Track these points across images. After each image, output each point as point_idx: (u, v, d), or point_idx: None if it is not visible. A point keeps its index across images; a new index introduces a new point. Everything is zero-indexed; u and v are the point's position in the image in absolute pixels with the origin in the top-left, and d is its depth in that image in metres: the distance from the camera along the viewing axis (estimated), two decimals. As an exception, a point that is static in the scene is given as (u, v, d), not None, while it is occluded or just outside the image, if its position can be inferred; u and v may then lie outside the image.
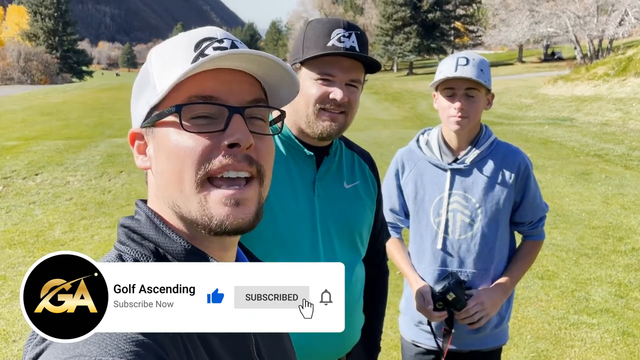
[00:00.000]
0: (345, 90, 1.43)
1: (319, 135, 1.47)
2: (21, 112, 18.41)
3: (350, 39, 1.41)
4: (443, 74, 1.90)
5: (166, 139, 0.71)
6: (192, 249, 0.71)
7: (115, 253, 0.72)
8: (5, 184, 8.00)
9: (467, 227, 2.00)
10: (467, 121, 1.91)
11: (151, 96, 0.73)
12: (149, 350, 0.58)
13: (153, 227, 0.72)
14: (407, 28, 49.62)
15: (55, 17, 58.06)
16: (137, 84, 0.78)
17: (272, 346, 0.86)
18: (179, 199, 0.71)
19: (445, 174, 2.02)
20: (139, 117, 0.76)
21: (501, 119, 15.90)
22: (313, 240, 1.49)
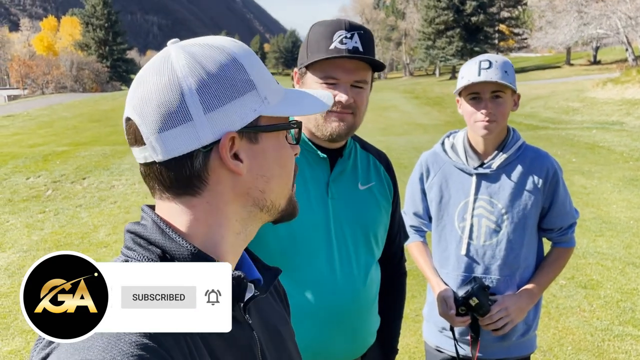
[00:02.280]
0: (350, 92, 1.43)
1: (329, 137, 1.47)
2: (72, 119, 19.22)
3: (352, 39, 1.41)
4: (466, 79, 1.86)
5: (280, 147, 0.79)
6: (199, 252, 0.72)
7: (122, 259, 0.72)
8: (55, 188, 8.36)
9: (492, 233, 1.95)
10: (495, 125, 1.87)
11: (260, 105, 0.74)
12: (154, 354, 0.58)
13: (159, 232, 0.72)
14: (450, 32, 49.02)
15: (105, 27, 60.37)
16: (227, 86, 0.72)
17: (277, 354, 0.86)
18: (277, 197, 0.81)
19: (471, 178, 1.98)
20: (237, 120, 0.72)
21: (547, 123, 15.45)
22: (327, 242, 1.49)
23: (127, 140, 0.75)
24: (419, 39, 52.70)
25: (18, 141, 14.05)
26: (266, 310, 0.90)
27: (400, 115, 20.19)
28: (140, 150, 0.72)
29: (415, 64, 62.64)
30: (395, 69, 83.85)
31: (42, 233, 6.39)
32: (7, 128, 17.43)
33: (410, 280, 4.83)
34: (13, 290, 4.78)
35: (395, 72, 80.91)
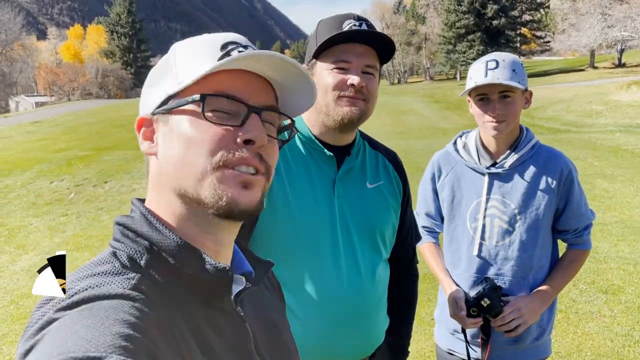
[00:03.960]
0: (362, 76, 1.42)
1: (341, 122, 1.43)
2: (96, 125, 19.57)
3: (361, 27, 1.41)
4: (473, 80, 1.84)
5: (184, 125, 0.73)
6: (185, 244, 0.72)
7: (110, 250, 0.73)
8: (77, 191, 8.53)
9: (504, 233, 1.93)
10: (505, 125, 1.85)
11: (171, 85, 0.75)
12: (138, 345, 0.58)
13: (147, 224, 0.73)
14: (471, 36, 48.60)
15: (130, 35, 61.44)
16: (154, 73, 0.80)
17: (272, 344, 0.86)
18: (189, 183, 0.72)
19: (483, 178, 1.96)
20: (151, 104, 0.78)
21: (569, 126, 15.20)
22: (333, 240, 1.47)
23: None
24: (439, 43, 52.36)
25: (43, 146, 14.37)
26: (260, 303, 0.90)
27: (419, 119, 20.08)
28: None
29: (435, 68, 62.29)
30: (416, 74, 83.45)
31: (64, 235, 6.52)
32: (33, 134, 17.84)
33: (425, 284, 4.79)
34: (35, 291, 4.88)
35: (415, 77, 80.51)
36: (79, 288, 0.63)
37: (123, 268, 0.68)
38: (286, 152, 1.49)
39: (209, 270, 0.72)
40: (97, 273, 0.67)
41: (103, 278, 0.66)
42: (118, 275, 0.67)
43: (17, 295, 4.83)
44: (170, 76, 0.76)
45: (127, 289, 0.65)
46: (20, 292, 4.88)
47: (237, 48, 0.75)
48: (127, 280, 0.66)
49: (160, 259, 0.71)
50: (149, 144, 0.78)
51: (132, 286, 0.66)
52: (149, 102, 0.78)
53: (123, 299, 0.63)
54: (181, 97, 0.74)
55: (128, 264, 0.69)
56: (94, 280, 0.65)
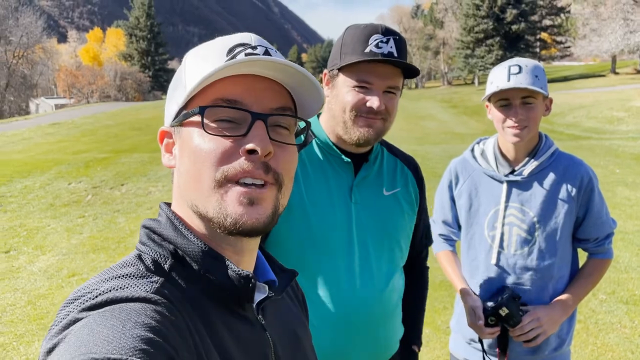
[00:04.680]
0: (382, 97, 1.40)
1: (357, 142, 1.44)
2: (114, 127, 19.80)
3: (388, 44, 1.38)
4: (495, 85, 1.81)
5: (190, 139, 0.72)
6: (209, 250, 0.71)
7: (136, 253, 0.73)
8: (94, 193, 8.61)
9: (523, 242, 1.88)
10: (526, 131, 1.81)
11: (180, 96, 0.74)
12: (159, 349, 0.57)
13: (172, 229, 0.73)
14: (489, 40, 48.26)
15: (148, 38, 62.17)
16: (172, 84, 0.79)
17: (293, 355, 0.84)
18: (198, 198, 0.71)
19: (502, 186, 1.92)
20: (169, 116, 0.77)
21: (589, 133, 14.98)
22: (348, 247, 1.47)
23: None
24: (457, 47, 52.05)
25: (62, 148, 14.57)
26: (283, 312, 0.89)
27: (437, 124, 19.96)
28: None
29: (453, 73, 61.94)
30: (433, 78, 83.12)
31: (80, 237, 6.58)
32: (53, 135, 18.11)
33: (441, 291, 4.74)
34: (51, 292, 4.93)
35: (432, 81, 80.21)
36: (103, 289, 0.64)
37: (147, 271, 0.69)
38: (304, 157, 1.50)
39: (231, 277, 0.71)
40: (122, 275, 0.67)
41: (127, 280, 0.66)
42: (142, 279, 0.67)
43: (34, 295, 4.87)
44: (180, 86, 0.75)
45: (150, 292, 0.65)
46: (37, 293, 4.93)
47: (245, 50, 0.72)
48: (151, 284, 0.66)
49: (184, 264, 0.71)
50: (168, 156, 0.78)
51: (155, 290, 0.66)
52: (168, 114, 0.78)
53: (145, 302, 0.63)
54: (188, 108, 0.73)
55: (152, 268, 0.70)
56: (118, 282, 0.66)
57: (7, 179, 9.97)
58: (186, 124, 0.73)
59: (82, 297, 0.64)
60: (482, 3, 47.74)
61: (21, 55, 47.01)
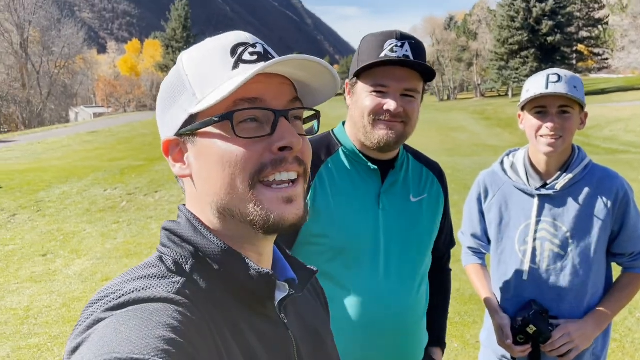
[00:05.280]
0: (399, 100, 1.41)
1: (377, 145, 1.45)
2: (150, 136, 20.25)
3: (403, 48, 1.39)
4: (532, 92, 1.78)
5: (213, 145, 0.71)
6: (229, 250, 0.72)
7: (157, 255, 0.74)
8: (129, 200, 8.82)
9: (556, 258, 1.85)
10: (561, 142, 1.78)
11: (190, 104, 0.72)
12: (180, 349, 0.58)
13: (192, 230, 0.74)
14: (524, 52, 47.55)
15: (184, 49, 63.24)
16: (169, 90, 0.77)
17: (315, 353, 0.85)
18: (232, 203, 0.71)
19: (533, 200, 1.89)
20: (172, 124, 0.75)
21: (627, 146, 14.56)
22: (375, 253, 1.47)
23: None
24: (491, 59, 51.45)
25: (99, 155, 14.99)
26: (305, 310, 0.89)
27: (468, 136, 19.73)
28: None
29: (486, 84, 61.19)
30: (466, 90, 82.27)
31: (115, 242, 6.74)
32: (90, 143, 18.65)
33: (471, 305, 4.66)
34: (85, 295, 5.05)
35: (465, 93, 79.34)
36: (126, 290, 0.65)
37: (169, 272, 0.70)
38: (330, 165, 1.51)
39: (252, 275, 0.72)
40: (144, 276, 0.68)
41: (149, 281, 0.67)
42: (164, 279, 0.68)
43: (69, 298, 5.01)
44: (186, 93, 0.73)
45: (172, 292, 0.66)
46: (72, 296, 5.06)
47: (247, 49, 0.73)
48: (172, 284, 0.67)
49: (204, 264, 0.72)
50: (180, 166, 0.76)
51: (176, 290, 0.66)
52: (171, 122, 0.76)
53: (167, 303, 0.64)
54: (205, 115, 0.71)
55: (174, 268, 0.71)
56: (141, 283, 0.67)
57: (46, 184, 10.30)
58: (204, 131, 0.72)
59: (105, 297, 0.65)
60: (517, 15, 47.14)
61: (62, 66, 48.68)
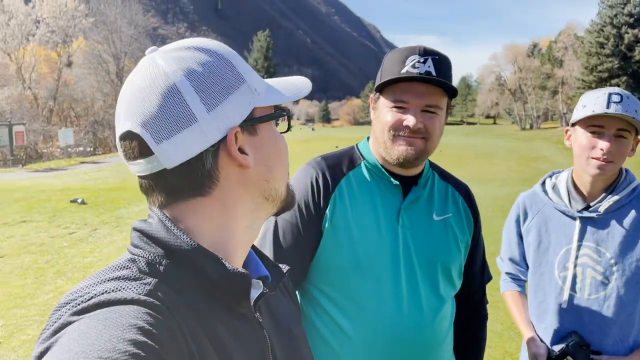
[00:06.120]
0: (420, 116, 1.39)
1: (397, 161, 1.43)
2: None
3: (425, 64, 1.37)
4: (590, 109, 1.67)
5: (277, 137, 0.82)
6: (202, 249, 0.71)
7: (128, 256, 0.72)
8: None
9: (599, 286, 1.71)
10: (611, 166, 1.67)
11: (253, 97, 0.76)
12: (151, 352, 0.57)
13: (165, 230, 0.72)
14: (615, 80, 44.99)
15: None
16: (214, 79, 0.73)
17: (288, 352, 0.84)
18: (282, 187, 0.82)
19: (574, 222, 1.77)
20: (234, 114, 0.74)
21: None
22: (394, 270, 1.43)
23: (126, 155, 0.74)
24: (578, 87, 49.15)
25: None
26: (277, 309, 0.89)
27: (550, 166, 18.80)
28: (146, 162, 0.71)
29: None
30: (550, 119, 78.79)
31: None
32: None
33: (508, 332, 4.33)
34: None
35: (549, 122, 76.01)
36: (95, 292, 0.64)
37: (140, 273, 0.68)
38: (351, 178, 1.50)
39: (227, 275, 0.72)
40: (115, 278, 0.67)
41: (120, 283, 0.66)
42: (135, 281, 0.67)
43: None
44: (244, 85, 0.75)
45: (143, 294, 0.64)
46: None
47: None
48: (144, 286, 0.66)
49: (177, 265, 0.71)
50: (244, 157, 0.75)
51: (148, 292, 0.65)
52: (232, 112, 0.73)
53: (139, 305, 0.62)
54: (262, 111, 0.79)
55: (146, 269, 0.69)
56: (111, 285, 0.65)
57: (126, 202, 10.96)
58: (266, 124, 0.80)
59: (74, 300, 0.64)
60: (607, 41, 44.93)
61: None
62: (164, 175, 0.72)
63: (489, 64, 79.05)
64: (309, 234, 1.45)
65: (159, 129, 0.70)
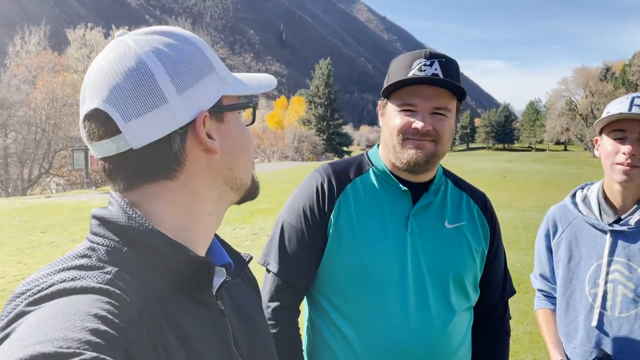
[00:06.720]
0: (428, 119, 1.38)
1: (407, 165, 1.41)
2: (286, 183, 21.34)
3: (432, 67, 1.37)
4: (612, 113, 1.63)
5: (242, 125, 0.84)
6: (164, 237, 0.71)
7: (87, 245, 0.71)
8: (253, 239, 9.35)
9: (629, 304, 1.61)
10: (637, 172, 1.60)
11: (221, 85, 0.78)
12: (112, 341, 0.56)
13: (126, 217, 0.71)
14: (696, 103, 42.13)
15: (325, 105, 66.87)
16: (186, 64, 0.74)
17: (250, 339, 0.85)
18: (247, 175, 0.84)
19: (605, 236, 1.69)
20: (202, 99, 0.74)
21: None
22: (402, 278, 1.40)
23: (90, 136, 0.73)
24: (654, 111, 46.34)
25: (237, 199, 16.12)
26: (239, 297, 0.89)
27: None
28: (112, 141, 0.71)
29: (649, 139, 54.96)
30: (625, 145, 74.46)
31: (233, 277, 7.16)
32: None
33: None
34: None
35: (624, 149, 71.76)
36: (52, 281, 0.62)
37: (100, 262, 0.67)
38: (358, 184, 1.49)
39: (189, 263, 0.72)
40: (73, 266, 0.66)
41: (78, 272, 0.64)
42: (94, 269, 0.65)
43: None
44: (213, 73, 0.77)
45: (103, 283, 0.63)
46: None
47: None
48: (104, 275, 0.65)
49: (138, 253, 0.70)
50: (211, 141, 0.76)
51: (107, 280, 0.64)
52: (200, 97, 0.74)
53: (98, 294, 0.61)
54: (229, 100, 0.80)
55: (105, 258, 0.68)
56: (69, 274, 0.64)
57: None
58: (234, 112, 0.82)
59: (30, 290, 0.62)
60: (687, 62, 42.24)
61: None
62: (129, 156, 0.71)
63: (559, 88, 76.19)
64: (314, 239, 1.45)
65: (128, 107, 0.69)
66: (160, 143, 0.71)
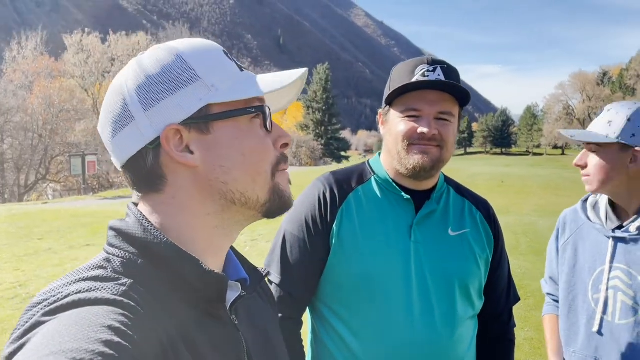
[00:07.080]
0: (434, 124, 1.37)
1: (413, 170, 1.40)
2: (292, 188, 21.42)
3: (435, 72, 1.36)
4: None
5: (241, 135, 0.75)
6: (179, 250, 0.71)
7: (104, 256, 0.72)
8: (252, 245, 9.33)
9: (628, 311, 1.60)
10: (589, 180, 1.67)
11: (207, 93, 0.74)
12: (125, 353, 0.56)
13: (142, 229, 0.72)
14: (693, 107, 42.29)
15: (323, 110, 67.02)
16: (164, 77, 0.74)
17: (264, 351, 0.84)
18: (254, 189, 0.76)
19: (608, 242, 1.68)
20: (177, 111, 0.73)
21: None
22: (406, 287, 1.39)
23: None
24: (651, 115, 46.49)
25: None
26: (255, 311, 0.89)
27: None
28: (112, 157, 0.79)
29: (646, 143, 55.11)
30: (622, 149, 74.66)
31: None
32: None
33: None
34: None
35: (621, 153, 71.90)
36: (68, 292, 0.63)
37: (115, 273, 0.68)
38: (360, 193, 1.48)
39: (203, 277, 0.71)
40: (88, 278, 0.67)
41: (94, 283, 0.65)
42: (109, 281, 0.66)
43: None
44: (197, 82, 0.74)
45: (118, 295, 0.64)
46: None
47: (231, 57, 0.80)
48: (118, 286, 0.65)
49: (154, 266, 0.70)
50: (186, 155, 0.74)
51: (122, 292, 0.65)
52: (175, 109, 0.73)
53: (113, 306, 0.62)
54: (223, 107, 0.75)
55: (121, 270, 0.69)
56: (85, 285, 0.65)
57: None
58: (228, 121, 0.75)
59: (46, 300, 0.63)
60: (683, 66, 42.45)
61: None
62: (126, 171, 0.77)
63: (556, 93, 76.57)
64: (317, 249, 1.43)
65: (108, 127, 0.76)
66: (136, 159, 0.75)
